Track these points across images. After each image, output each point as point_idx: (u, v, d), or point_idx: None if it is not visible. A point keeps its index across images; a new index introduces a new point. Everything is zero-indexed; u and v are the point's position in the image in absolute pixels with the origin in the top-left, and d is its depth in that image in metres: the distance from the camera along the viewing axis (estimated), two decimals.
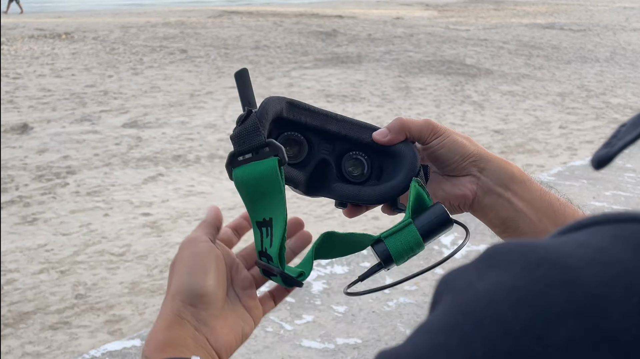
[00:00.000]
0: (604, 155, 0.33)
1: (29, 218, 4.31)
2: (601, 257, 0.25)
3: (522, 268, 0.26)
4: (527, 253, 0.27)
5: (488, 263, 0.28)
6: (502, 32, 14.55)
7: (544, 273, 0.25)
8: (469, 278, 0.28)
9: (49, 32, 12.87)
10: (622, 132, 0.34)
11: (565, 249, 0.26)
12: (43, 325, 3.11)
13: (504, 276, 0.26)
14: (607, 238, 0.26)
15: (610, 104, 7.90)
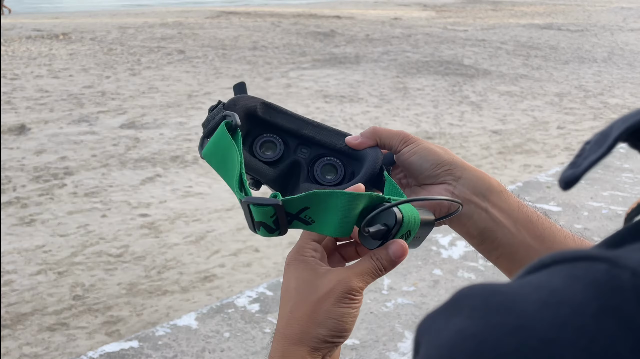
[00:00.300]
0: (570, 176, 0.33)
1: (26, 219, 4.30)
2: (553, 299, 0.25)
3: (481, 314, 0.27)
4: (488, 298, 0.27)
5: (454, 309, 0.29)
6: (500, 32, 14.56)
7: (500, 319, 0.26)
8: (438, 325, 0.29)
9: (46, 33, 12.85)
10: (586, 151, 0.35)
11: (523, 292, 0.27)
12: (41, 326, 3.10)
13: (465, 323, 0.27)
14: (562, 277, 0.26)
15: (608, 104, 7.91)
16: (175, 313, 3.22)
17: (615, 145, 0.33)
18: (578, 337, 0.24)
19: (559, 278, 0.26)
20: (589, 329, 0.24)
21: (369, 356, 2.53)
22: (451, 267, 3.21)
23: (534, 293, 0.26)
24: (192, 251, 3.88)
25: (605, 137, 0.34)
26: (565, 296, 0.25)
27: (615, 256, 0.26)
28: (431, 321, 0.29)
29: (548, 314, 0.25)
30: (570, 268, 0.27)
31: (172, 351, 2.47)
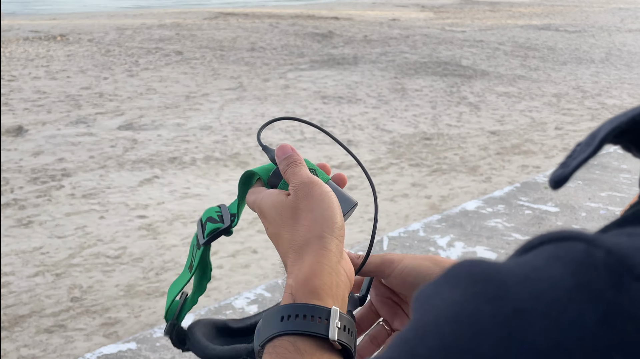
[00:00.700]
0: (559, 176, 0.35)
1: (24, 220, 4.30)
2: (533, 274, 0.27)
3: (466, 284, 0.28)
4: (473, 269, 0.29)
5: (444, 278, 0.30)
6: (498, 33, 14.58)
7: (480, 288, 0.28)
8: (427, 294, 0.31)
9: (44, 34, 12.84)
10: (577, 152, 0.36)
11: (507, 267, 0.28)
12: (38, 328, 3.10)
13: (451, 292, 0.29)
14: (545, 257, 0.28)
15: (606, 105, 7.92)
16: None
17: (602, 146, 0.34)
18: (549, 309, 0.25)
19: (542, 257, 0.28)
20: (560, 302, 0.25)
21: None
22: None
23: (516, 268, 0.28)
24: None
25: (594, 137, 0.35)
26: (545, 273, 0.27)
27: (594, 237, 0.27)
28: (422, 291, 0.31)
29: (525, 287, 0.27)
30: (554, 248, 0.28)
31: (170, 352, 2.46)
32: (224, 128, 6.51)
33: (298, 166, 0.63)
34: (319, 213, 0.57)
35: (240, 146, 5.94)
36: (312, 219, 0.57)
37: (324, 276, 0.54)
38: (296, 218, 0.58)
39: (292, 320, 0.52)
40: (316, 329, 0.51)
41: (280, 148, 0.64)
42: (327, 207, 0.58)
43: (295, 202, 0.59)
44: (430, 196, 4.84)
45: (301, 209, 0.58)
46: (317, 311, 0.52)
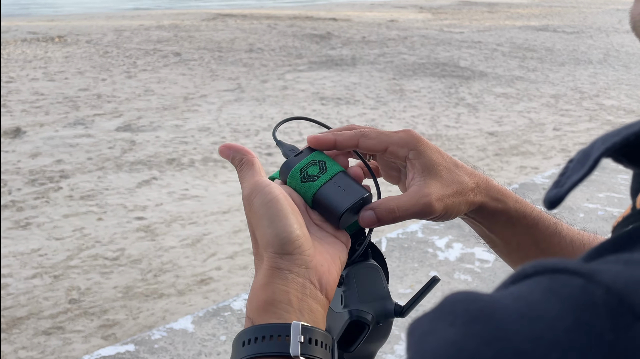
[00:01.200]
0: (554, 196, 0.34)
1: (22, 222, 4.29)
2: (531, 312, 0.26)
3: (463, 322, 0.27)
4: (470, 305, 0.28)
5: (438, 315, 0.29)
6: (496, 34, 14.59)
7: (479, 328, 0.27)
8: (422, 331, 0.29)
9: (41, 36, 12.83)
10: (570, 169, 0.35)
11: (504, 302, 0.27)
12: (36, 330, 3.09)
13: (447, 331, 0.28)
14: (540, 290, 0.27)
15: (604, 106, 7.93)
16: (171, 316, 3.21)
17: (596, 166, 0.33)
18: (550, 351, 0.25)
19: (538, 291, 0.27)
20: (561, 343, 0.25)
21: None
22: (447, 269, 3.21)
23: (513, 304, 0.27)
24: (188, 254, 3.87)
25: (587, 156, 0.34)
26: (542, 310, 0.26)
27: (592, 271, 0.27)
28: (418, 325, 0.30)
29: (524, 327, 0.26)
30: (549, 281, 0.27)
31: (169, 354, 2.46)
32: (223, 129, 6.51)
33: (245, 169, 0.58)
34: (263, 230, 0.54)
35: None
36: (260, 235, 0.54)
37: (277, 294, 0.52)
38: (252, 230, 0.56)
39: (252, 344, 0.50)
40: (276, 349, 0.50)
41: (225, 146, 0.60)
42: (269, 222, 0.53)
43: (247, 215, 0.56)
44: None
45: (252, 223, 0.55)
46: (276, 330, 0.51)
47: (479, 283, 3.16)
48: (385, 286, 0.63)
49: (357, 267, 0.63)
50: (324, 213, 0.60)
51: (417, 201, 0.60)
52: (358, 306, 0.61)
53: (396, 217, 0.60)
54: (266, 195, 0.55)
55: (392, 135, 0.62)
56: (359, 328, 0.61)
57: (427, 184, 0.61)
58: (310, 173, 0.61)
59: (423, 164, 0.61)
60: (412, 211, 0.60)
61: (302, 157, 0.63)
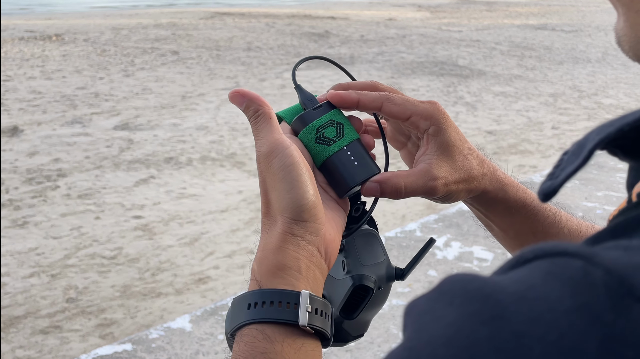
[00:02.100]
0: (548, 188, 0.34)
1: (19, 221, 4.28)
2: (530, 294, 0.26)
3: (460, 302, 0.27)
4: (467, 285, 0.28)
5: (436, 295, 0.29)
6: (495, 33, 14.59)
7: (476, 308, 0.26)
8: (419, 311, 0.29)
9: (39, 34, 12.80)
10: (564, 161, 0.35)
11: (502, 284, 0.27)
12: (34, 329, 3.08)
13: (445, 311, 0.27)
14: (540, 274, 0.27)
15: (602, 105, 7.93)
16: (169, 315, 3.20)
17: (591, 157, 0.33)
18: (548, 332, 0.24)
19: (537, 274, 0.27)
20: (559, 325, 0.24)
21: (364, 357, 2.51)
22: (446, 268, 3.21)
23: (512, 285, 0.27)
24: (186, 253, 3.86)
25: (581, 148, 0.34)
26: (542, 292, 0.26)
27: (591, 254, 0.26)
28: (413, 306, 0.30)
29: (523, 308, 0.25)
30: (549, 264, 0.27)
31: (166, 354, 2.45)
32: (220, 128, 6.49)
33: (262, 123, 0.55)
34: (280, 194, 0.52)
35: (236, 146, 5.93)
36: (276, 197, 0.52)
37: (288, 260, 0.51)
38: (265, 189, 0.53)
39: (259, 308, 0.49)
40: (285, 316, 0.49)
41: (238, 92, 0.56)
42: (289, 187, 0.51)
43: (260, 173, 0.53)
44: None
45: (267, 182, 0.53)
46: (285, 296, 0.50)
47: None
48: (383, 250, 0.63)
49: (355, 233, 0.63)
50: (331, 179, 0.59)
51: (424, 183, 0.59)
52: (361, 271, 0.60)
53: (400, 196, 0.59)
54: (287, 157, 0.52)
55: (417, 104, 0.60)
56: (362, 294, 0.61)
57: (438, 166, 0.59)
58: (326, 135, 0.58)
59: (440, 143, 0.60)
60: (417, 192, 0.59)
61: (320, 113, 0.60)
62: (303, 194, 0.52)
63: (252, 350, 0.48)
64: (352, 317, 0.61)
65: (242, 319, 0.50)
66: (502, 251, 3.47)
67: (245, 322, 0.50)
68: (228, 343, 0.53)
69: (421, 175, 0.59)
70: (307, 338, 0.50)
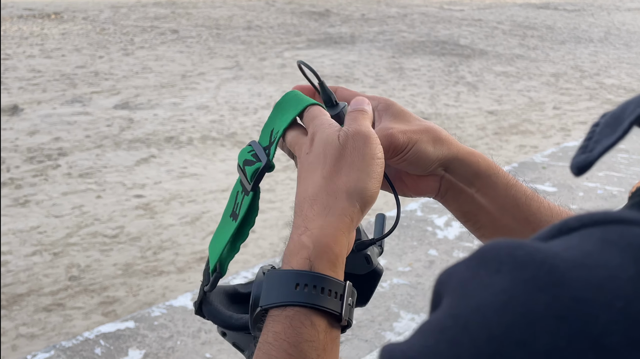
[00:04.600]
0: (583, 161, 0.32)
1: (20, 200, 4.29)
2: (588, 260, 0.25)
3: (510, 268, 0.26)
4: (515, 252, 0.27)
5: (479, 262, 0.28)
6: (497, 12, 14.47)
7: (531, 274, 0.25)
8: (461, 278, 0.28)
9: (37, 12, 12.70)
10: (597, 133, 0.33)
11: (554, 250, 0.26)
12: (37, 307, 3.11)
13: (493, 278, 0.26)
14: (594, 241, 0.26)
15: (604, 85, 7.90)
16: (171, 293, 3.23)
17: (630, 130, 0.32)
18: (614, 299, 0.23)
19: (590, 241, 0.26)
20: (625, 292, 0.24)
21: (365, 335, 2.54)
22: (447, 247, 3.22)
23: (565, 252, 0.26)
24: (187, 232, 3.88)
25: (618, 120, 0.32)
26: (601, 260, 0.25)
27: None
28: (450, 275, 0.29)
29: (582, 275, 0.24)
30: (601, 232, 0.26)
31: (168, 331, 2.48)
32: (221, 107, 6.48)
33: (363, 115, 0.57)
34: (360, 177, 0.52)
35: (237, 125, 5.92)
36: (352, 179, 0.52)
37: (341, 246, 0.50)
38: (338, 166, 0.53)
39: (309, 291, 0.48)
40: (333, 306, 0.48)
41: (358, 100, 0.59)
42: (370, 172, 0.52)
43: (343, 149, 0.53)
44: None
45: (346, 160, 0.53)
46: (335, 286, 0.49)
47: None
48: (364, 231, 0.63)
49: None
50: None
51: (380, 134, 0.58)
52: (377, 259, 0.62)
53: None
54: (380, 151, 0.54)
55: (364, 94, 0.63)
56: (374, 279, 0.62)
57: (391, 123, 0.60)
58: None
59: (392, 113, 0.61)
60: None
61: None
62: (376, 188, 0.53)
63: (298, 337, 0.47)
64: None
65: (289, 298, 0.48)
66: None
67: (293, 303, 0.48)
68: (252, 314, 0.51)
69: (377, 132, 0.58)
70: (339, 329, 0.50)
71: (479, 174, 0.63)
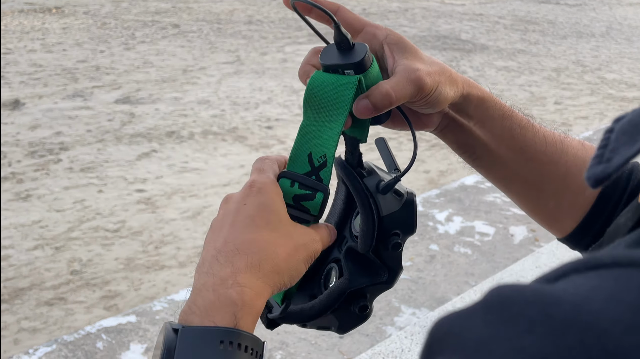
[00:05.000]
0: (601, 173, 0.28)
1: (22, 194, 4.29)
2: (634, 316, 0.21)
3: (548, 330, 0.22)
4: (547, 307, 0.23)
5: (500, 315, 0.24)
6: (498, 6, 14.44)
7: (576, 338, 0.21)
8: (480, 334, 0.23)
9: (39, 7, 12.68)
10: (612, 141, 0.30)
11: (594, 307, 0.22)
12: (39, 301, 3.12)
13: (524, 340, 0.22)
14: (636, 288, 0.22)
15: (606, 80, 7.89)
16: (172, 287, 3.24)
17: None
18: None
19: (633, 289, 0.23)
20: None
21: (366, 330, 2.55)
22: (447, 242, 3.23)
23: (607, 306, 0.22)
24: (189, 227, 3.89)
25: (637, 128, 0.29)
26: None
27: None
28: (463, 327, 0.24)
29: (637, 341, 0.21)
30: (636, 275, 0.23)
31: None
32: (222, 102, 6.47)
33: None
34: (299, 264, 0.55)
35: (238, 120, 5.92)
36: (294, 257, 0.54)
37: (262, 305, 0.52)
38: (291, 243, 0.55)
39: (233, 349, 0.47)
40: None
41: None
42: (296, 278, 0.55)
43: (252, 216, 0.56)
44: (428, 171, 4.84)
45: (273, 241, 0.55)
46: (257, 345, 0.49)
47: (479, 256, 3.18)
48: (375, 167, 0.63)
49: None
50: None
51: (408, 77, 0.56)
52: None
53: (392, 100, 0.56)
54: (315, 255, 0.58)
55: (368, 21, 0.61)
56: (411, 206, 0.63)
57: (413, 62, 0.58)
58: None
59: (404, 47, 0.59)
60: (406, 90, 0.56)
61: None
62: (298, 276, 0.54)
63: None
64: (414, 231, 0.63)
65: (213, 357, 0.46)
66: (503, 226, 3.48)
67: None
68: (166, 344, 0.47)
69: (402, 74, 0.57)
70: None
71: (477, 107, 0.63)
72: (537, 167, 0.66)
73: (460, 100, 0.62)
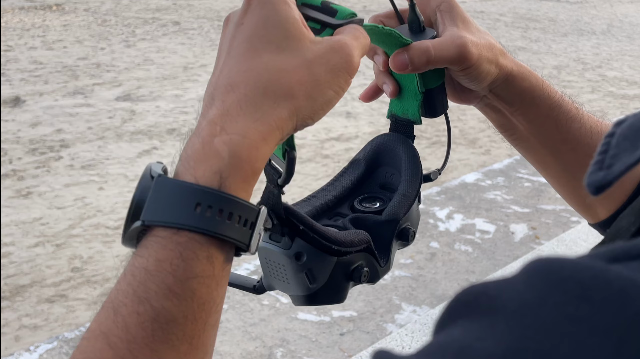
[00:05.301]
0: (601, 180, 0.27)
1: (23, 191, 4.30)
2: None
3: (606, 296, 0.20)
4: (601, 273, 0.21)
5: (547, 279, 0.21)
6: (499, 4, 14.42)
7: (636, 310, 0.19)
8: (523, 297, 0.21)
9: (39, 4, 12.68)
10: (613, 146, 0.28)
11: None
12: (40, 298, 3.12)
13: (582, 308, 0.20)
14: None
15: (606, 77, 7.88)
16: None
17: None
18: None
19: None
20: None
21: (367, 327, 2.55)
22: (448, 240, 3.23)
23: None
24: None
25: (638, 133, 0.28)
26: None
27: None
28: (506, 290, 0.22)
29: None
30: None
31: None
32: None
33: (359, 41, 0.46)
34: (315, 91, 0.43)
35: None
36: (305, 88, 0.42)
37: (262, 162, 0.40)
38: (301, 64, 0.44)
39: (213, 215, 0.37)
40: (240, 237, 0.38)
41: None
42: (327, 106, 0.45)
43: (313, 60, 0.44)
44: (429, 169, 4.83)
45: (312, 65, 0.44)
46: (247, 212, 0.39)
47: (480, 254, 3.18)
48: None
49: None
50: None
51: (452, 41, 0.55)
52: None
53: (430, 59, 0.54)
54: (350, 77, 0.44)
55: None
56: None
57: (461, 30, 0.57)
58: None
59: (456, 16, 0.58)
60: (447, 54, 0.54)
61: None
62: (323, 114, 0.43)
63: (188, 271, 0.36)
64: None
65: (185, 221, 0.37)
66: (504, 224, 3.49)
67: (189, 227, 0.37)
68: (128, 225, 0.39)
69: (447, 37, 0.55)
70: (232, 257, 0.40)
71: (522, 95, 0.62)
72: (579, 158, 0.65)
73: (501, 83, 0.60)
